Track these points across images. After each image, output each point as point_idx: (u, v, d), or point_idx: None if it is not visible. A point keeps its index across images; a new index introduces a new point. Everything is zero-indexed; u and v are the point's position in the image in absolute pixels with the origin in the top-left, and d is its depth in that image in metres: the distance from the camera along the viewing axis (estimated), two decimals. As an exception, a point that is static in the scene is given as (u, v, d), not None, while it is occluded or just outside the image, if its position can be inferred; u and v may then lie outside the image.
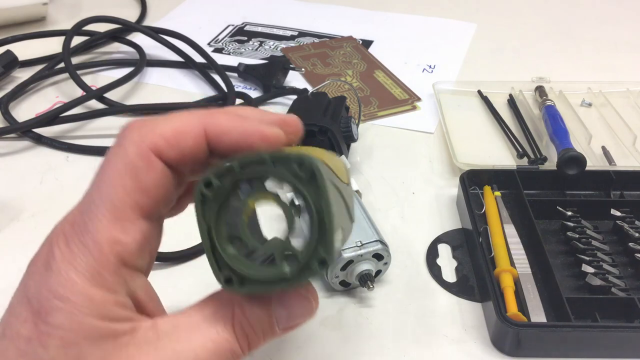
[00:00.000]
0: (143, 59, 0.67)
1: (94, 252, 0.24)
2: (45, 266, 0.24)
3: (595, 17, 0.84)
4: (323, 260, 0.25)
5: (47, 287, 0.24)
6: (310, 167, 0.24)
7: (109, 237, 0.24)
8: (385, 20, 0.82)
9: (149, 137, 0.25)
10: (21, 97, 0.63)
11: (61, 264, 0.24)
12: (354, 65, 0.71)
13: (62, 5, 0.84)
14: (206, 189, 0.25)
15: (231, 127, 0.26)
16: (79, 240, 0.24)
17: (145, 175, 0.25)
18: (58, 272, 0.24)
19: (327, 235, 0.25)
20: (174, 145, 0.26)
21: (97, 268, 0.24)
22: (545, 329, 0.37)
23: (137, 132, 0.26)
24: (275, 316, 0.27)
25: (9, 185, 0.52)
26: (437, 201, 0.51)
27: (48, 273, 0.24)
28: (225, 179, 0.25)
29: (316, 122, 0.49)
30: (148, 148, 0.25)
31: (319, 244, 0.25)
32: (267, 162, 0.25)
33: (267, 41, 0.77)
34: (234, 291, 0.26)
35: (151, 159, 0.25)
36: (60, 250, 0.24)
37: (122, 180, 0.25)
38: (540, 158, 0.54)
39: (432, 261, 0.45)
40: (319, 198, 0.25)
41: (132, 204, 0.25)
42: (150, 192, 0.25)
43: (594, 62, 0.73)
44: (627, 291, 0.41)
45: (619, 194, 0.50)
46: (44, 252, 0.25)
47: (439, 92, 0.64)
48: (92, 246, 0.24)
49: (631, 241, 0.44)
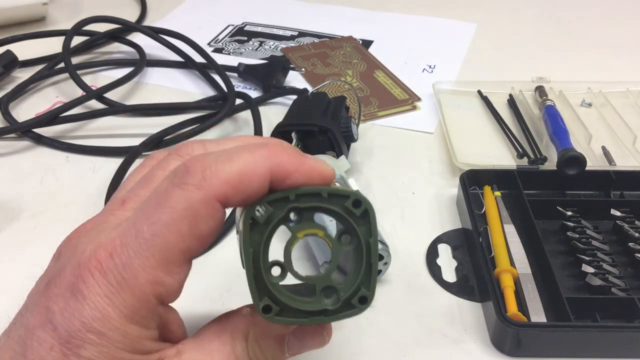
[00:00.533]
0: (143, 59, 0.67)
1: (134, 290, 0.23)
2: (74, 292, 0.23)
3: (595, 17, 0.84)
4: (365, 298, 0.25)
5: (79, 318, 0.23)
6: (364, 206, 0.25)
7: (153, 278, 0.24)
8: (385, 20, 0.82)
9: (215, 184, 0.24)
10: (21, 97, 0.63)
11: (96, 296, 0.23)
12: (354, 65, 0.71)
13: (62, 5, 0.84)
14: (258, 213, 0.25)
15: (295, 169, 0.25)
16: (119, 273, 0.23)
17: (204, 223, 0.24)
18: (93, 304, 0.23)
19: (372, 273, 0.25)
20: (240, 191, 0.24)
21: (136, 306, 0.23)
22: (545, 329, 0.37)
23: (202, 176, 0.24)
24: (288, 345, 0.27)
25: (9, 185, 0.52)
26: (437, 201, 0.51)
27: (78, 302, 0.23)
28: (278, 207, 0.25)
29: (316, 122, 0.49)
30: (214, 196, 0.24)
31: (363, 282, 0.25)
32: (322, 195, 0.25)
33: (267, 41, 0.77)
34: (271, 320, 0.26)
35: (215, 208, 0.24)
36: (94, 280, 0.23)
37: (180, 225, 0.24)
38: (540, 158, 0.54)
39: (432, 261, 0.45)
40: (369, 236, 0.25)
41: (183, 249, 0.24)
42: (204, 238, 0.25)
43: (594, 62, 0.73)
44: (627, 291, 0.41)
45: (619, 194, 0.50)
46: (69, 274, 0.24)
47: (439, 92, 0.64)
48: (133, 283, 0.23)
49: (631, 241, 0.44)
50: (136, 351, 0.24)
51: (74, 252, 0.25)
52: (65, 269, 0.24)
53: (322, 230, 0.26)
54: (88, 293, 0.23)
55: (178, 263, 0.24)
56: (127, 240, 0.24)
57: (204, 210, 0.24)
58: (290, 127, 0.50)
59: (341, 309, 0.26)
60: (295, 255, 0.45)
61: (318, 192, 0.25)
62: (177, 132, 0.56)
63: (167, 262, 0.24)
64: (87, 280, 0.23)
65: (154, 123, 0.58)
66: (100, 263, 0.23)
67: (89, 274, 0.23)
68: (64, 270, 0.24)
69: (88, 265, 0.23)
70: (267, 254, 0.25)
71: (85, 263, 0.24)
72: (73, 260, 0.24)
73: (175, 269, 0.24)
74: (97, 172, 0.53)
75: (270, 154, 0.25)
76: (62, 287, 0.24)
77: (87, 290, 0.23)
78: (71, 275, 0.24)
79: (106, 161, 0.55)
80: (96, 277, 0.23)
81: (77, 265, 0.24)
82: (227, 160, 0.25)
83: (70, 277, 0.24)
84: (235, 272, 0.43)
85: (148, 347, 0.25)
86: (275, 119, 0.56)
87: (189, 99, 0.63)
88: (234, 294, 0.42)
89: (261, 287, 0.25)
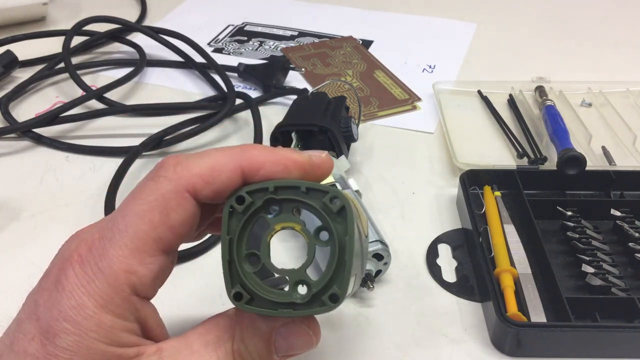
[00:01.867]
0: (143, 59, 0.67)
1: (109, 279, 0.24)
2: (56, 284, 0.24)
3: (595, 17, 0.84)
4: (335, 295, 0.25)
5: (57, 307, 0.24)
6: (341, 202, 0.25)
7: (126, 266, 0.25)
8: (385, 20, 0.82)
9: (186, 176, 0.26)
10: (21, 97, 0.63)
11: (74, 286, 0.24)
12: (354, 65, 0.71)
13: (62, 5, 0.84)
14: (237, 203, 0.26)
15: (265, 159, 0.26)
16: (95, 264, 0.25)
17: (175, 213, 0.26)
18: (70, 293, 0.24)
19: (345, 272, 0.25)
20: (210, 183, 0.26)
21: (110, 294, 0.24)
22: (545, 329, 0.37)
23: (173, 169, 0.26)
24: (275, 346, 0.27)
25: (9, 185, 0.52)
26: (437, 201, 0.51)
27: (59, 293, 0.24)
28: (257, 197, 0.26)
29: (316, 122, 0.49)
30: (184, 187, 0.26)
31: (335, 279, 0.25)
32: (301, 189, 0.25)
33: (267, 41, 0.77)
34: (241, 307, 0.26)
35: (184, 198, 0.26)
36: (74, 272, 0.24)
37: (151, 214, 0.25)
38: (540, 158, 0.54)
39: (432, 261, 0.45)
40: (344, 234, 0.25)
41: (155, 238, 0.25)
42: (176, 229, 0.26)
43: (594, 62, 0.73)
44: (627, 291, 0.41)
45: (619, 194, 0.50)
46: (55, 270, 0.25)
47: (439, 92, 0.64)
48: (107, 272, 0.24)
49: (631, 241, 0.44)
50: (112, 342, 0.24)
51: (63, 251, 0.26)
52: (54, 266, 0.25)
53: (299, 225, 0.26)
54: (67, 284, 0.24)
55: (151, 252, 0.25)
56: (104, 233, 0.25)
57: (174, 200, 0.25)
58: (290, 127, 0.50)
59: (310, 303, 0.25)
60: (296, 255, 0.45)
61: (297, 185, 0.26)
62: (177, 132, 0.56)
63: (139, 252, 0.25)
64: (68, 273, 0.24)
65: (154, 123, 0.58)
66: (80, 256, 0.25)
67: (70, 266, 0.25)
68: (52, 268, 0.25)
69: (70, 259, 0.25)
70: (242, 242, 0.26)
71: (68, 258, 0.25)
72: (60, 257, 0.26)
73: (148, 259, 0.25)
74: (97, 172, 0.53)
75: (240, 149, 0.27)
76: (48, 281, 0.25)
77: (66, 282, 0.24)
78: (56, 270, 0.25)
79: (106, 161, 0.55)
80: (76, 269, 0.24)
81: (62, 261, 0.25)
82: (199, 157, 0.26)
83: (56, 271, 0.25)
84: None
85: (125, 340, 0.25)
86: (275, 119, 0.56)
87: (189, 99, 0.63)
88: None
89: (234, 275, 0.26)
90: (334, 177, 0.45)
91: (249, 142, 0.55)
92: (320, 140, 0.50)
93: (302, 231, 0.26)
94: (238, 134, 0.59)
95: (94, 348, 0.24)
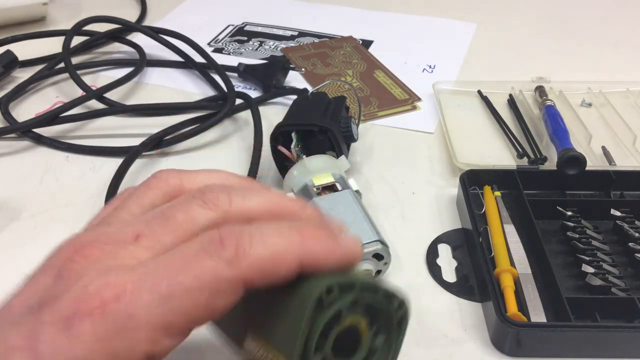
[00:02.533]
0: (143, 59, 0.67)
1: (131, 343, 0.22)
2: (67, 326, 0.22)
3: (595, 17, 0.84)
4: None
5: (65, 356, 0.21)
6: (406, 315, 0.26)
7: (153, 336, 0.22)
8: (385, 20, 0.82)
9: (245, 265, 0.23)
10: (21, 97, 0.63)
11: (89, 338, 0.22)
12: (354, 65, 0.71)
13: (62, 5, 0.84)
14: (326, 294, 0.23)
15: (326, 259, 0.24)
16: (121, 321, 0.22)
17: (222, 300, 0.23)
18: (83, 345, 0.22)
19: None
20: (266, 278, 0.23)
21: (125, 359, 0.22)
22: (545, 329, 0.37)
23: (235, 252, 0.23)
24: None
25: (9, 185, 0.52)
26: (437, 201, 0.51)
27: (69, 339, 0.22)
28: (344, 293, 0.24)
29: (316, 122, 0.49)
30: (241, 279, 0.23)
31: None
32: (379, 293, 0.25)
33: (267, 41, 0.77)
34: None
35: (238, 289, 0.23)
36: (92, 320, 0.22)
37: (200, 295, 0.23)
38: (540, 158, 0.54)
39: (432, 261, 0.45)
40: (398, 344, 0.26)
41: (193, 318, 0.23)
42: (214, 314, 0.23)
43: (594, 62, 0.73)
44: (627, 291, 0.41)
45: (619, 194, 0.50)
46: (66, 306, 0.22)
47: (439, 92, 0.64)
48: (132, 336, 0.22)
49: (631, 241, 0.44)
50: None
51: (76, 280, 0.23)
52: (63, 297, 0.22)
53: (366, 322, 0.25)
54: (81, 332, 0.21)
55: (181, 330, 0.23)
56: (140, 289, 0.22)
57: (228, 288, 0.23)
58: (290, 127, 0.50)
59: None
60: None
61: (375, 289, 0.25)
62: (177, 132, 0.56)
63: (172, 326, 0.22)
64: (84, 319, 0.21)
65: (154, 123, 0.58)
66: (103, 304, 0.22)
67: (88, 312, 0.22)
68: (61, 298, 0.22)
69: (89, 303, 0.22)
70: (315, 337, 0.24)
71: (87, 299, 0.22)
72: (74, 290, 0.22)
73: (177, 335, 0.23)
74: (97, 172, 0.53)
75: (303, 241, 0.24)
76: (55, 316, 0.22)
77: (81, 329, 0.21)
78: (69, 307, 0.22)
79: (106, 161, 0.55)
80: (95, 318, 0.21)
81: (77, 298, 0.22)
82: (260, 242, 0.23)
83: (67, 308, 0.22)
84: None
85: None
86: (275, 119, 0.56)
87: (189, 99, 0.63)
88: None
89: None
90: (334, 177, 0.45)
91: (249, 142, 0.55)
92: (320, 140, 0.50)
93: (365, 329, 0.25)
94: (238, 134, 0.59)
95: None
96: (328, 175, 0.45)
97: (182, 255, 0.23)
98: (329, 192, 0.44)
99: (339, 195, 0.44)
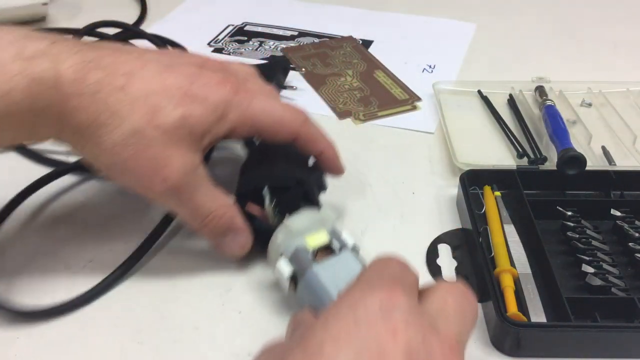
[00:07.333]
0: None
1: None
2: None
3: (595, 17, 0.84)
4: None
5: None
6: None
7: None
8: (385, 20, 0.82)
9: (255, 109, 0.40)
10: (21, 97, 0.63)
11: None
12: (354, 65, 0.71)
13: (62, 5, 0.84)
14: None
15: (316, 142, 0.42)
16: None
17: (222, 127, 0.38)
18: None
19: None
20: (273, 135, 0.40)
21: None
22: (545, 329, 0.37)
23: (249, 100, 0.39)
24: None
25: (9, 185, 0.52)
26: (437, 201, 0.51)
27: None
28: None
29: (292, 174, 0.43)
30: (250, 116, 0.39)
31: None
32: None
33: (267, 41, 0.77)
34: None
35: (245, 124, 0.39)
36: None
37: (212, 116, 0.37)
38: (540, 158, 0.54)
39: (432, 261, 0.45)
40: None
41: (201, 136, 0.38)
42: (215, 139, 0.38)
43: (594, 62, 0.73)
44: (627, 291, 0.41)
45: (619, 194, 0.50)
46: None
47: (439, 92, 0.64)
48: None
49: (631, 241, 0.44)
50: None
51: None
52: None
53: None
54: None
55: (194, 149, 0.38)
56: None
57: (234, 120, 0.39)
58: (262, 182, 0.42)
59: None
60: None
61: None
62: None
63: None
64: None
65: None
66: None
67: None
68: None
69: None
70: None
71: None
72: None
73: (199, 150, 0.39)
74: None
75: (305, 121, 0.42)
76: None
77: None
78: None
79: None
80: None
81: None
82: (272, 99, 0.44)
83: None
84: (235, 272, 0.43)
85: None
86: (275, 119, 0.55)
87: (189, 99, 0.63)
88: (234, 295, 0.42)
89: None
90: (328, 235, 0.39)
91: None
92: (295, 194, 0.43)
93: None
94: (238, 134, 0.59)
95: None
96: (322, 234, 0.39)
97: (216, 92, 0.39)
98: (326, 253, 0.38)
99: (340, 259, 0.37)
